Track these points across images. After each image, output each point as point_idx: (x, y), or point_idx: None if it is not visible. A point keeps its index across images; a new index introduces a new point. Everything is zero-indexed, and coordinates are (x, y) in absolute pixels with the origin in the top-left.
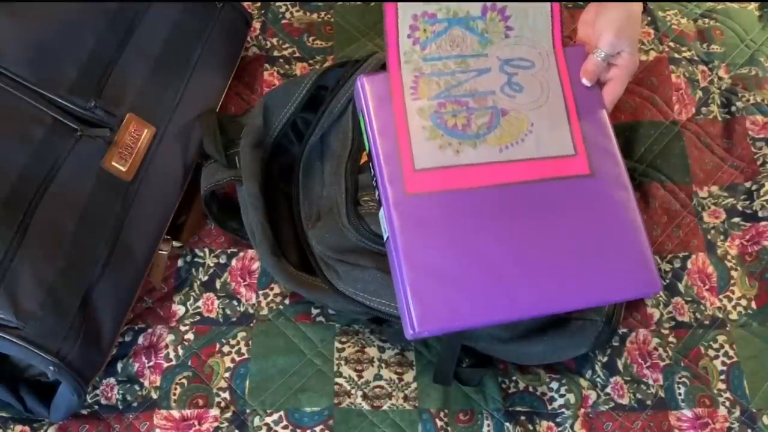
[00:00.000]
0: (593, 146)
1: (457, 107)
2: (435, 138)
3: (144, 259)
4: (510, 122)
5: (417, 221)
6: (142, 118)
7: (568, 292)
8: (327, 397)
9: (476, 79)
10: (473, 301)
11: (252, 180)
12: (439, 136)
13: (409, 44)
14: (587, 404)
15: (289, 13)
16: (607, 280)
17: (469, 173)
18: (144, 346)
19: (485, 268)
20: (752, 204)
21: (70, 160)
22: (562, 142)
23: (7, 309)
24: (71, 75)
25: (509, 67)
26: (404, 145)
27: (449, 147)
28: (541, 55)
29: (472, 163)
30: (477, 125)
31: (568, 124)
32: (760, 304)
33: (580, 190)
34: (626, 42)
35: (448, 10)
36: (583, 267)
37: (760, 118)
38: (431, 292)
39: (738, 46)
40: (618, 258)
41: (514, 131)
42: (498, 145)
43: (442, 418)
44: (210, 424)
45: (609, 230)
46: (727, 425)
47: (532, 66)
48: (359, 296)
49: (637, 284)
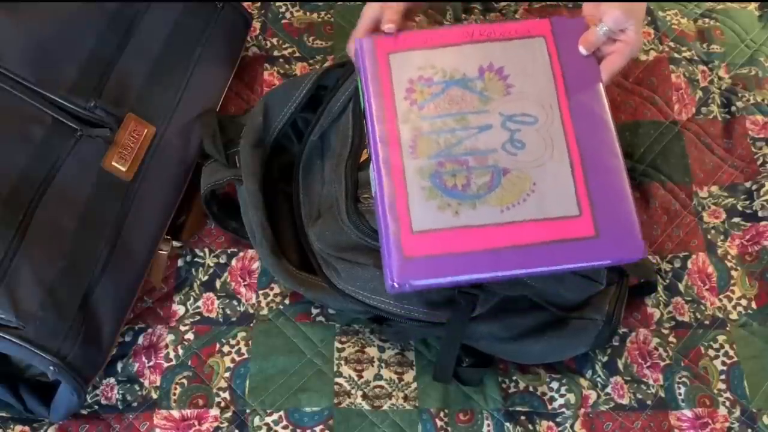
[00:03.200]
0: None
1: (457, 166)
2: (434, 198)
3: (144, 259)
4: (512, 182)
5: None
6: (142, 118)
7: (553, 252)
8: (327, 397)
9: (477, 137)
10: (455, 255)
11: (252, 179)
12: (438, 196)
13: (406, 105)
14: (587, 404)
15: (289, 13)
16: (592, 243)
17: (468, 235)
18: (144, 346)
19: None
20: (752, 204)
21: (70, 160)
22: (566, 201)
23: (7, 309)
24: (71, 75)
25: (511, 123)
26: (401, 207)
27: (448, 208)
28: (544, 109)
29: (471, 225)
30: (477, 185)
31: (573, 180)
32: (760, 304)
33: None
34: (632, 20)
35: (445, 73)
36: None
37: (760, 118)
38: (413, 245)
39: (738, 46)
40: (605, 221)
41: (515, 191)
42: (499, 206)
43: (442, 418)
44: (210, 424)
45: (598, 194)
46: (727, 425)
47: (535, 122)
48: (359, 294)
49: (621, 249)
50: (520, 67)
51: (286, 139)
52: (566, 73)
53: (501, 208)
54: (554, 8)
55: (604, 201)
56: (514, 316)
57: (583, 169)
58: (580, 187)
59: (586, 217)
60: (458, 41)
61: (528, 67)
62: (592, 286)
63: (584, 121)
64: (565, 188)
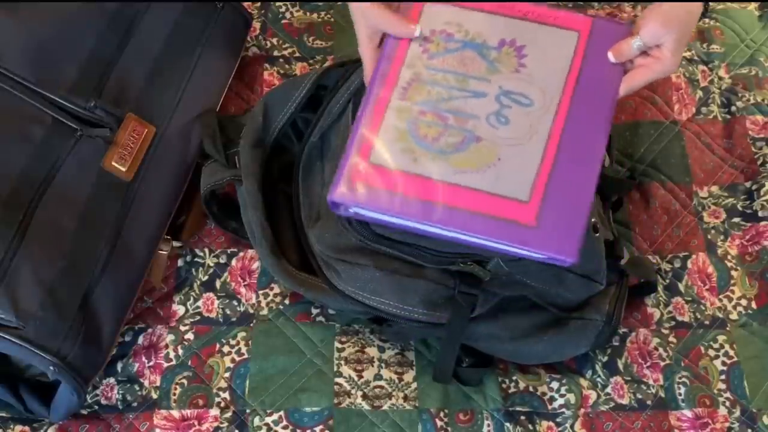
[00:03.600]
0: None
1: (436, 120)
2: (402, 141)
3: (144, 259)
4: (479, 150)
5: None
6: (142, 118)
7: (486, 225)
8: (327, 397)
9: (467, 100)
10: (394, 194)
11: (251, 179)
12: (407, 140)
13: (418, 52)
14: (587, 404)
15: (289, 13)
16: (526, 230)
17: (415, 182)
18: (144, 346)
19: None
20: (752, 204)
21: (70, 160)
22: (520, 185)
23: (7, 309)
24: (71, 75)
25: (506, 98)
26: (370, 136)
27: (410, 153)
28: (544, 97)
29: (423, 175)
30: (446, 143)
31: (537, 169)
32: (760, 304)
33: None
34: (671, 36)
35: (467, 33)
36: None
37: (760, 118)
38: (364, 174)
39: (738, 46)
40: (549, 216)
41: (478, 159)
42: (457, 167)
43: (442, 418)
44: (210, 424)
45: (555, 191)
46: (727, 425)
47: (530, 104)
48: (359, 295)
49: (554, 246)
50: (540, 51)
51: (286, 139)
52: (584, 73)
53: (457, 169)
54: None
55: (557, 198)
56: (514, 316)
57: (553, 164)
58: (541, 178)
59: (532, 206)
60: (495, 10)
61: (549, 54)
62: (593, 286)
63: (578, 123)
64: (526, 173)
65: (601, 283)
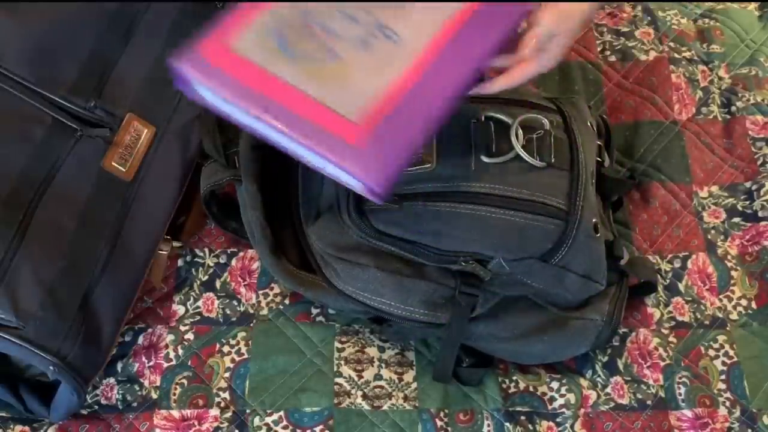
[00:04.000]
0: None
1: (304, 29)
2: (266, 38)
3: (144, 259)
4: (334, 68)
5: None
6: (142, 118)
7: (314, 129)
8: (327, 397)
9: (341, 21)
10: (239, 84)
11: (251, 179)
12: (271, 39)
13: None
14: (587, 404)
15: None
16: (345, 147)
17: (264, 78)
18: (144, 346)
19: None
20: (752, 204)
21: (70, 160)
22: (358, 109)
23: (7, 309)
24: (71, 75)
25: (378, 30)
26: (241, 23)
27: (269, 52)
28: (413, 39)
29: (275, 74)
30: (305, 51)
31: (378, 100)
32: (760, 304)
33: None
34: (564, 31)
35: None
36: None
37: (760, 118)
38: (221, 57)
39: (738, 46)
40: (378, 146)
41: (330, 76)
42: (308, 77)
43: (442, 418)
44: (210, 424)
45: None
46: (727, 425)
47: (397, 41)
48: (359, 295)
49: (367, 172)
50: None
51: None
52: (461, 34)
53: (308, 79)
54: None
55: (390, 132)
56: (514, 316)
57: (398, 102)
58: (381, 108)
59: (362, 129)
60: None
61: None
62: (593, 286)
63: (435, 75)
64: (366, 99)
65: (601, 283)
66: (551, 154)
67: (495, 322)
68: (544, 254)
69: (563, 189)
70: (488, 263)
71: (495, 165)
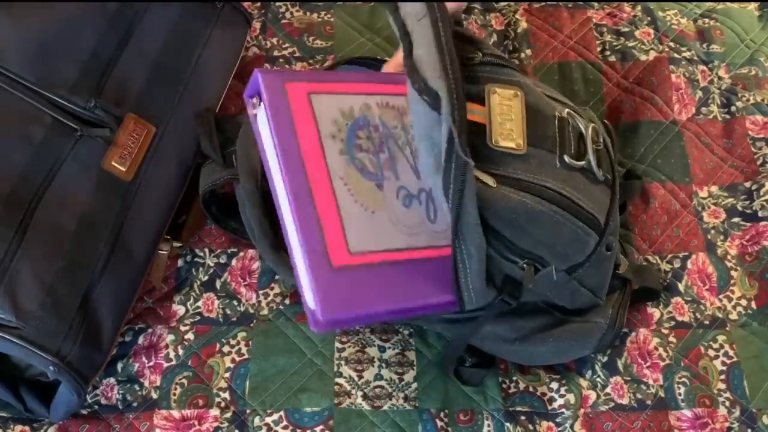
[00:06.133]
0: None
1: (377, 144)
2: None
3: (144, 259)
4: (371, 192)
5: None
6: (142, 118)
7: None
8: (327, 397)
9: (405, 165)
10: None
11: (249, 176)
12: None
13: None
14: (587, 404)
15: (289, 13)
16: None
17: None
18: (144, 346)
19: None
20: (752, 204)
21: (70, 160)
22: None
23: (7, 309)
24: (71, 75)
25: (424, 195)
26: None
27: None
28: (442, 232)
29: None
30: (364, 158)
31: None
32: (760, 304)
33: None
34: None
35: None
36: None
37: (760, 118)
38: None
39: (738, 46)
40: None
41: (365, 196)
42: (348, 179)
43: (442, 418)
44: (210, 424)
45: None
46: (727, 425)
47: (433, 221)
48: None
49: (325, 295)
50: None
51: None
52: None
53: (348, 179)
54: (554, 8)
55: (365, 285)
56: (520, 317)
57: (394, 270)
58: (375, 261)
59: (348, 261)
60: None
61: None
62: (594, 301)
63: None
64: (372, 241)
65: (602, 299)
66: (605, 170)
67: (501, 323)
68: (570, 268)
69: (605, 206)
70: (540, 271)
71: (572, 168)
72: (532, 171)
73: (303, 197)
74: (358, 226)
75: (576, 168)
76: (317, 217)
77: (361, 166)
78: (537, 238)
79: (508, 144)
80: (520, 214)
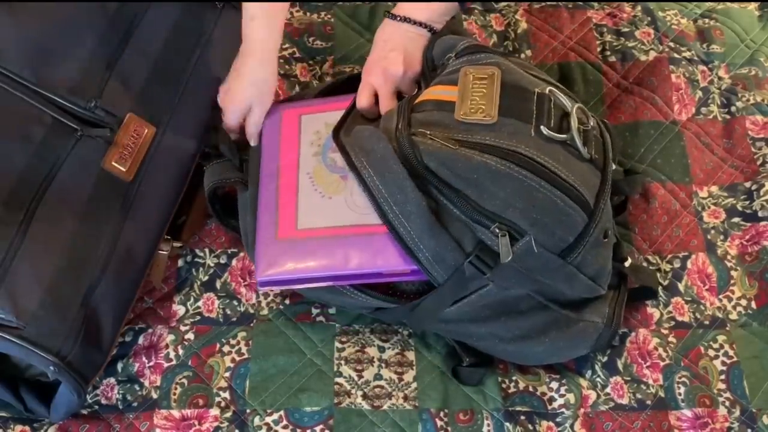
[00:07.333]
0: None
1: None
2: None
3: (144, 259)
4: (335, 182)
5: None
6: (142, 118)
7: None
8: (327, 397)
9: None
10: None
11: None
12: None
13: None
14: (587, 404)
15: (289, 13)
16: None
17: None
18: (144, 346)
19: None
20: (752, 204)
21: (70, 160)
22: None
23: (8, 309)
24: (71, 75)
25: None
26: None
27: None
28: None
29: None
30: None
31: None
32: (760, 304)
33: None
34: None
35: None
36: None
37: (760, 118)
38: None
39: (738, 46)
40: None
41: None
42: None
43: (442, 418)
44: (210, 424)
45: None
46: (727, 425)
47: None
48: (385, 203)
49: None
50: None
51: None
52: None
53: (316, 169)
54: (554, 8)
55: (302, 253)
56: (516, 317)
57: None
58: (318, 235)
59: (292, 235)
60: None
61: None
62: (595, 290)
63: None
64: (321, 220)
65: (604, 288)
66: (594, 151)
67: (497, 322)
68: (563, 251)
69: (594, 187)
70: (518, 241)
71: (551, 140)
72: (503, 138)
73: (269, 185)
74: (310, 207)
75: (557, 141)
76: (277, 200)
77: (331, 164)
78: (505, 200)
79: (476, 117)
80: (482, 174)
